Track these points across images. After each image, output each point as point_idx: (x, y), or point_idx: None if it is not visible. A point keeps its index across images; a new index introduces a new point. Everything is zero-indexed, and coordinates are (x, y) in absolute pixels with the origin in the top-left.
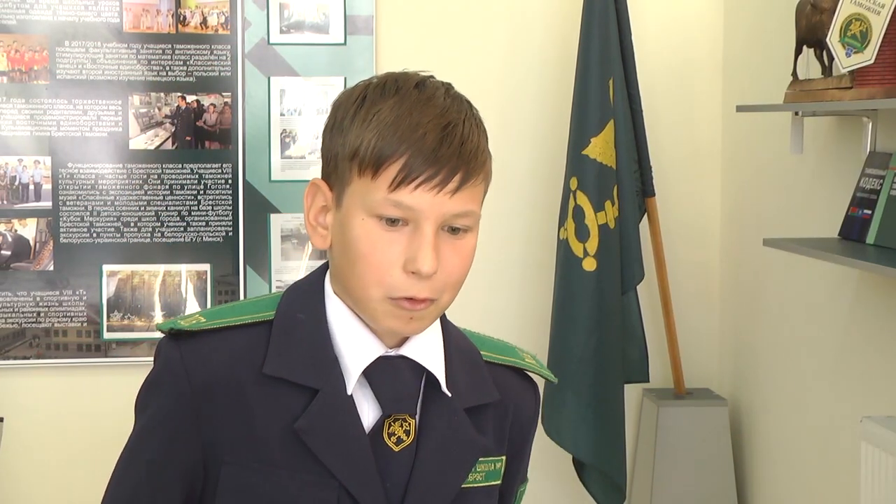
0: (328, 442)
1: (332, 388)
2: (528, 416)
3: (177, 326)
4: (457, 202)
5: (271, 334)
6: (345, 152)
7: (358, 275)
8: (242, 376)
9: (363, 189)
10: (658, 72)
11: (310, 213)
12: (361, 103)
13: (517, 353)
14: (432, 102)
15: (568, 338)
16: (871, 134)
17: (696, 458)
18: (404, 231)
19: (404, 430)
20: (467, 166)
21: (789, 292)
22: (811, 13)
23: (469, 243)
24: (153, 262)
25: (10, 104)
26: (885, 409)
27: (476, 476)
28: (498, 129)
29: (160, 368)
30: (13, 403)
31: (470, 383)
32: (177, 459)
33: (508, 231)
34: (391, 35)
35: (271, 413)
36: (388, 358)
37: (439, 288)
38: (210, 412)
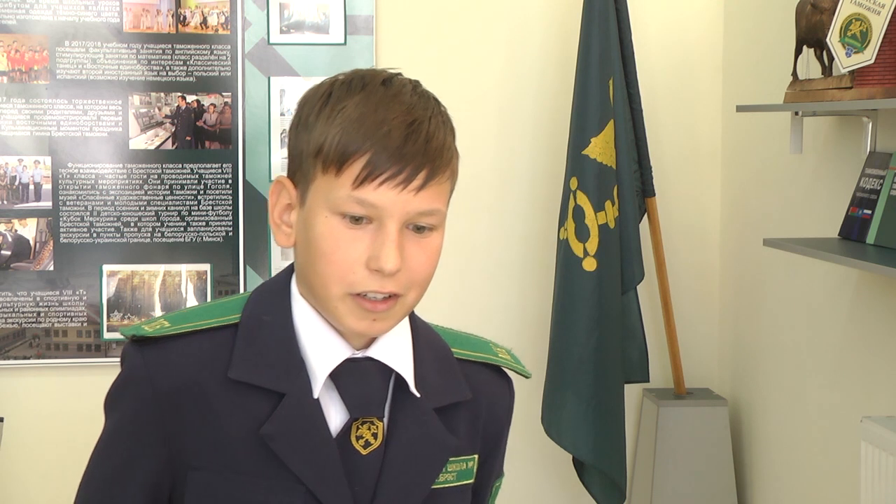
0: (294, 447)
1: (299, 392)
2: (502, 413)
3: (140, 332)
4: (422, 200)
5: (236, 338)
6: (309, 149)
7: (320, 272)
8: (207, 381)
9: (327, 186)
10: (658, 72)
11: (274, 210)
12: (327, 100)
13: (491, 349)
14: (398, 99)
15: (568, 338)
16: (871, 134)
17: (696, 458)
18: (368, 229)
19: (372, 433)
20: (432, 164)
21: (789, 292)
22: (811, 13)
23: (434, 242)
24: (153, 262)
25: (11, 104)
26: (885, 409)
27: (448, 476)
28: (498, 129)
29: (125, 375)
30: (13, 403)
31: (440, 382)
32: (143, 465)
33: (508, 231)
34: (391, 35)
35: (237, 418)
36: (355, 360)
37: (404, 285)
38: (175, 418)
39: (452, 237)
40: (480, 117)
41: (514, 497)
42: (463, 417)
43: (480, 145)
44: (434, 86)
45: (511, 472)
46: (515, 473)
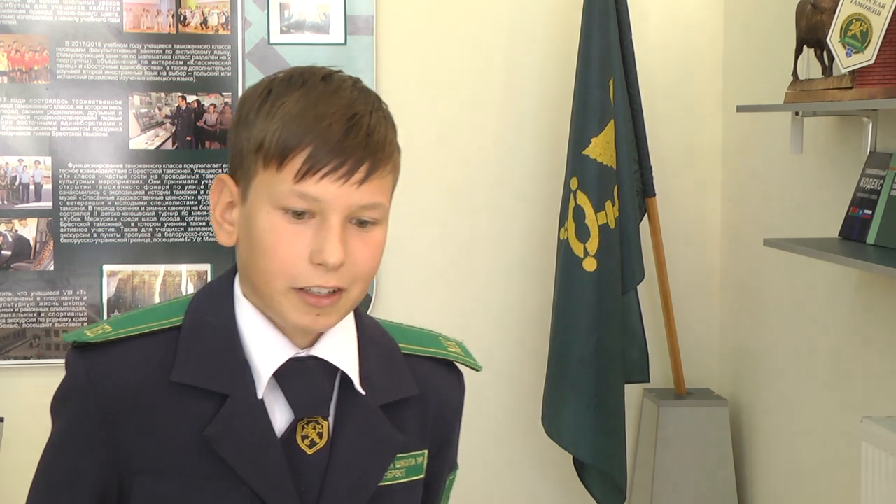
0: (239, 448)
1: (242, 393)
2: (452, 408)
3: (82, 338)
4: (364, 193)
5: (179, 340)
6: (249, 146)
7: (263, 268)
8: (151, 385)
9: (268, 181)
10: (658, 72)
11: (216, 209)
12: (267, 97)
13: (440, 343)
14: (339, 94)
15: (568, 338)
16: (872, 134)
17: (696, 458)
18: (311, 223)
19: (317, 433)
20: (374, 157)
21: (789, 292)
22: (811, 13)
23: (378, 236)
24: (153, 263)
25: (11, 104)
26: (885, 409)
27: (396, 473)
28: (498, 129)
29: (68, 382)
30: (13, 403)
31: (386, 379)
32: (89, 471)
33: (508, 231)
34: (391, 35)
35: (181, 421)
36: (300, 359)
37: (348, 279)
38: (119, 423)
39: (453, 237)
40: (480, 117)
41: (514, 497)
42: (410, 413)
43: (480, 145)
44: (434, 85)
45: (511, 472)
46: (516, 473)
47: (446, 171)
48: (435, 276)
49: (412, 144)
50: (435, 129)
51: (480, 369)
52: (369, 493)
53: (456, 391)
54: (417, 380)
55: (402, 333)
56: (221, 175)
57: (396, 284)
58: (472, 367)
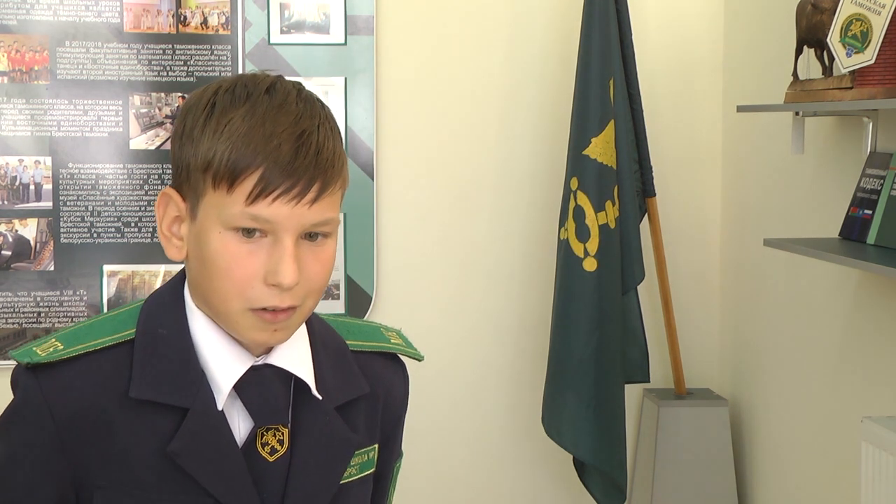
0: (202, 461)
1: (202, 406)
2: (398, 399)
3: (34, 358)
4: (315, 212)
5: (133, 355)
6: (197, 163)
7: (217, 288)
8: (108, 403)
9: (219, 202)
10: (658, 72)
11: (163, 223)
12: (211, 111)
13: (382, 336)
14: (284, 109)
15: (568, 338)
16: (872, 134)
17: (697, 458)
18: (263, 243)
19: (278, 440)
20: (324, 175)
21: (789, 292)
22: (812, 13)
23: (329, 249)
24: (154, 263)
25: (11, 104)
26: (885, 409)
27: (351, 471)
28: (498, 129)
29: (20, 402)
30: None
31: (339, 380)
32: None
33: (508, 231)
34: (391, 35)
35: (141, 437)
36: (256, 368)
37: (302, 295)
38: (77, 443)
39: (453, 237)
40: (480, 117)
41: (514, 497)
42: (361, 411)
43: (480, 145)
44: (434, 86)
45: (511, 472)
46: (516, 473)
47: (446, 171)
48: (435, 277)
49: (412, 144)
50: (435, 129)
51: (422, 359)
52: (330, 495)
53: (401, 383)
54: (365, 375)
55: (347, 329)
56: (166, 189)
57: (396, 284)
58: (414, 357)
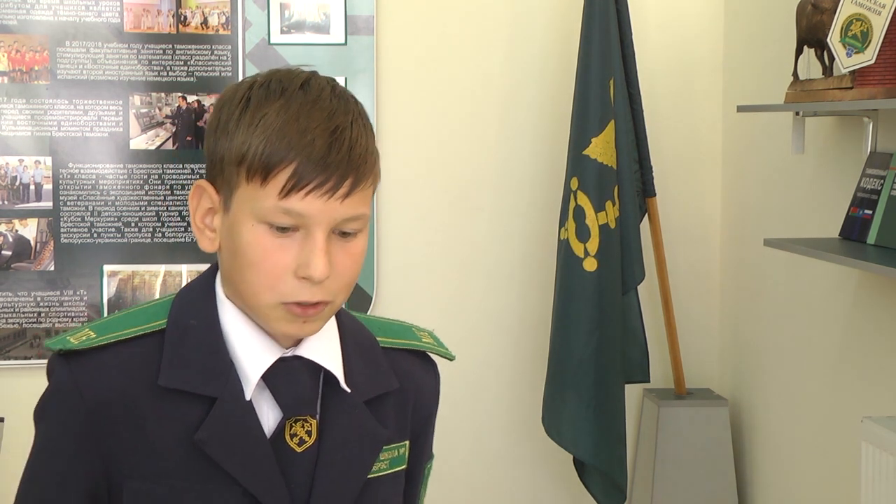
0: (229, 450)
1: (231, 395)
2: (429, 398)
3: (67, 346)
4: (347, 207)
5: (164, 344)
6: (231, 156)
7: (249, 281)
8: (137, 391)
9: (252, 195)
10: (658, 72)
11: (196, 215)
12: (246, 105)
13: (413, 334)
14: (319, 105)
15: (568, 338)
16: (872, 134)
17: (697, 458)
18: (295, 237)
19: (306, 431)
20: (357, 171)
21: (789, 292)
22: (812, 13)
23: (359, 245)
24: (154, 263)
25: (11, 104)
26: (885, 409)
27: (381, 465)
28: (498, 129)
29: (53, 389)
30: (13, 403)
31: (368, 375)
32: (78, 478)
33: (508, 231)
34: (391, 35)
35: (170, 425)
36: (285, 360)
37: (333, 290)
38: (107, 430)
39: (453, 237)
40: (480, 117)
41: (514, 497)
42: (391, 406)
43: (481, 145)
44: (434, 86)
45: (511, 472)
46: (516, 473)
47: (446, 171)
48: (435, 276)
49: (412, 144)
50: (435, 128)
51: (454, 358)
52: (357, 489)
53: (432, 381)
54: (395, 372)
55: (378, 327)
56: (200, 181)
57: (397, 284)
58: (446, 357)
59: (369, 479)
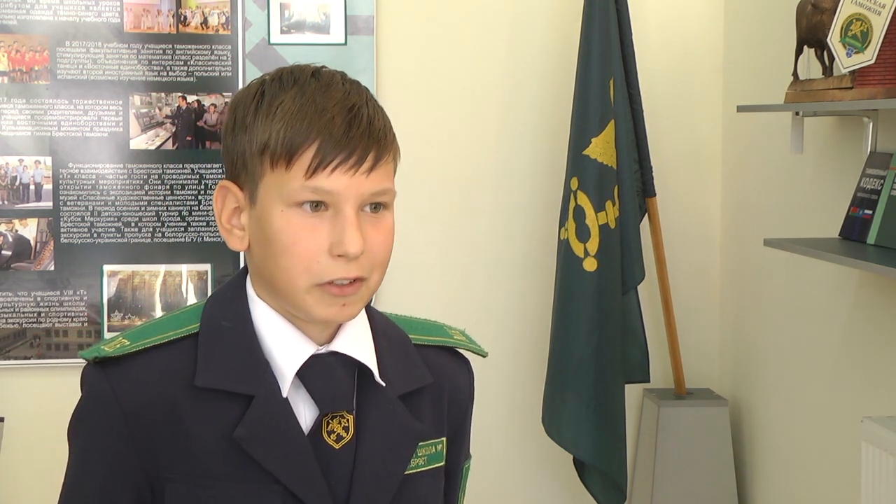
0: (268, 447)
1: (267, 393)
2: (464, 394)
3: (101, 354)
4: (373, 181)
5: (198, 346)
6: (253, 149)
7: (284, 267)
8: (174, 393)
9: (278, 181)
10: (658, 72)
11: (222, 216)
12: (261, 99)
13: (446, 332)
14: (332, 88)
15: (568, 338)
16: (872, 134)
17: (697, 458)
18: (325, 217)
19: (343, 427)
20: (378, 145)
21: (789, 292)
22: (812, 13)
23: (388, 220)
24: (154, 263)
25: (11, 104)
26: (885, 409)
27: (418, 461)
28: (498, 129)
29: (89, 397)
30: (13, 403)
31: (402, 370)
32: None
33: (509, 231)
34: (391, 35)
35: (208, 425)
36: (320, 356)
37: (367, 267)
38: (146, 435)
39: (453, 237)
40: (480, 117)
41: (514, 497)
42: (426, 402)
43: (480, 145)
44: (434, 86)
45: (511, 472)
46: (516, 473)
47: (446, 171)
48: (435, 276)
49: (412, 144)
50: (435, 129)
51: (486, 355)
52: (397, 483)
53: (466, 376)
54: (429, 368)
55: (409, 325)
56: (223, 182)
57: (397, 284)
58: (479, 353)
59: (407, 474)
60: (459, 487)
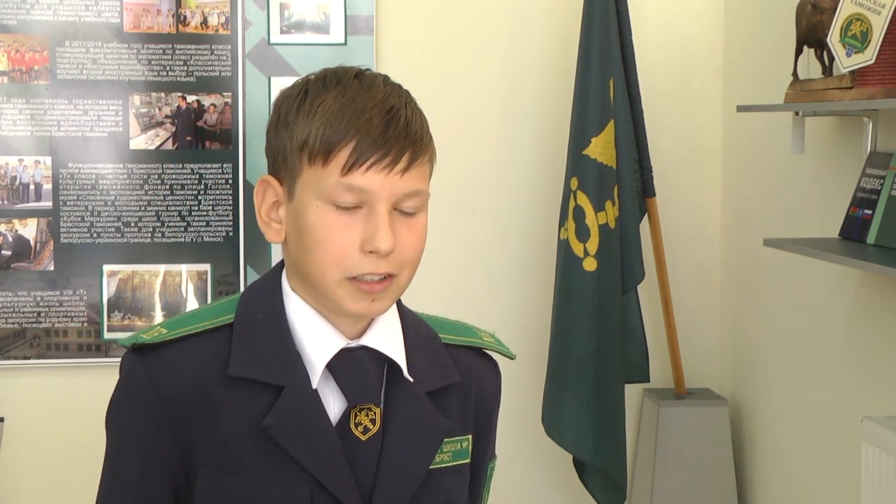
0: (297, 437)
1: (297, 384)
2: (490, 394)
3: (140, 340)
4: (407, 181)
5: (233, 336)
6: (293, 145)
7: (316, 260)
8: (208, 381)
9: (315, 177)
10: (658, 72)
11: (261, 209)
12: (304, 97)
13: (475, 333)
14: (373, 90)
15: (568, 338)
16: (872, 134)
17: (696, 458)
18: (359, 214)
19: (370, 420)
20: (414, 146)
21: (789, 292)
22: (811, 13)
23: (421, 222)
24: (154, 262)
25: (11, 104)
26: (885, 409)
27: (443, 457)
28: (498, 129)
29: (128, 383)
30: (13, 403)
31: (430, 367)
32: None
33: (508, 231)
34: (391, 35)
35: (239, 413)
36: (350, 349)
37: (397, 265)
38: (181, 420)
39: (453, 236)
40: (480, 117)
41: (514, 497)
42: (453, 400)
43: (480, 145)
44: (434, 86)
45: (511, 472)
46: (516, 473)
47: (446, 171)
48: (435, 276)
49: None
50: (434, 128)
51: (514, 357)
52: (421, 476)
53: (493, 377)
54: (457, 367)
55: (440, 324)
56: (265, 176)
57: None
58: (507, 356)
59: (432, 469)
60: (483, 486)
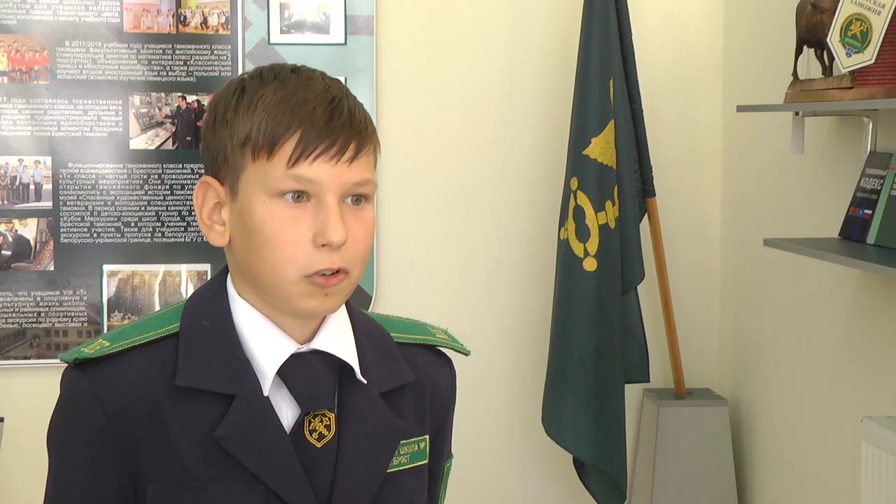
0: (250, 446)
1: (248, 392)
2: (445, 392)
3: (81, 355)
4: (354, 171)
5: (179, 346)
6: (234, 142)
7: (268, 259)
8: (156, 394)
9: (260, 172)
10: (658, 72)
11: (202, 212)
12: (242, 94)
13: (428, 330)
14: (313, 82)
15: (568, 338)
16: (872, 134)
17: (696, 458)
18: (308, 207)
19: (325, 426)
20: (360, 135)
21: (789, 292)
22: (811, 13)
23: (369, 214)
24: (153, 262)
25: (11, 104)
26: (885, 409)
27: (401, 459)
28: (498, 129)
29: (71, 400)
30: (13, 403)
31: (383, 367)
32: (107, 486)
33: (508, 231)
34: (391, 35)
35: (190, 425)
36: (300, 354)
37: (350, 259)
38: (128, 436)
39: (452, 237)
40: (480, 117)
41: (514, 497)
42: (408, 400)
43: (480, 145)
44: (434, 86)
45: (511, 472)
46: (516, 473)
47: (446, 171)
48: (435, 276)
49: (412, 144)
50: (435, 129)
51: (469, 353)
52: (378, 481)
53: (448, 374)
54: (411, 367)
55: (391, 323)
56: (204, 177)
57: (397, 284)
58: (461, 352)
59: (390, 472)
60: (441, 486)
